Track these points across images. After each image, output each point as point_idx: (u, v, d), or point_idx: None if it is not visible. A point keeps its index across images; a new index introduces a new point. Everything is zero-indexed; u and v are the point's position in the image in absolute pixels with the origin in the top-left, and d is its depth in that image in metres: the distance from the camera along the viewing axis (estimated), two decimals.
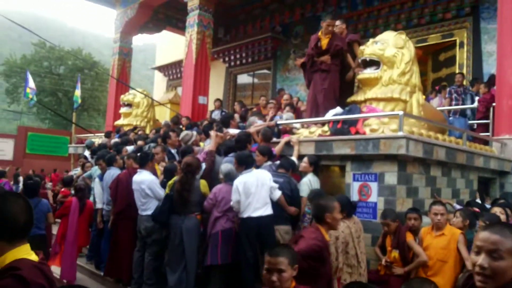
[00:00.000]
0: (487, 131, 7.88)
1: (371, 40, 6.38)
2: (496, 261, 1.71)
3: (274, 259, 2.51)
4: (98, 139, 11.88)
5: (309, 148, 5.81)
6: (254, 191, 4.82)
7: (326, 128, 5.94)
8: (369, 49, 6.13)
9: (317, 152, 5.70)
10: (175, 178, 5.38)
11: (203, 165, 5.76)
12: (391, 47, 6.08)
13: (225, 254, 4.96)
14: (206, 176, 5.65)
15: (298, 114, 8.02)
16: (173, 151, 6.99)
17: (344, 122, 5.72)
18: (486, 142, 7.28)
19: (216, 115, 10.77)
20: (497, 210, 4.91)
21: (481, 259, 1.74)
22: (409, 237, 4.43)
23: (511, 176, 6.99)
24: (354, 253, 4.27)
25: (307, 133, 6.18)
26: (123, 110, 12.82)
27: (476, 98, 8.45)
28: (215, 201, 5.09)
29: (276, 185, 4.99)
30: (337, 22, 7.03)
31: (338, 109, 6.16)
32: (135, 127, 11.40)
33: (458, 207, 5.49)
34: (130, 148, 8.23)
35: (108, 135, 10.99)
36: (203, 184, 5.33)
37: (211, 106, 12.82)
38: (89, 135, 14.02)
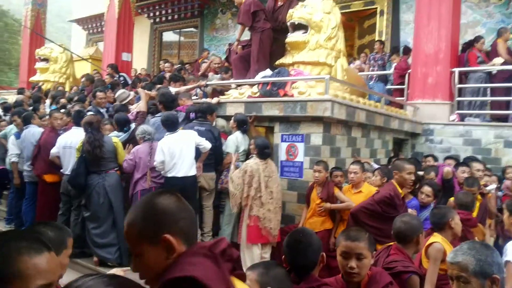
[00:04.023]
0: (402, 96, 8.46)
1: (300, 3, 6.49)
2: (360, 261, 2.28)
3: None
4: (11, 96, 11.08)
5: (239, 109, 5.91)
6: (180, 152, 4.88)
7: (255, 89, 6.04)
8: (297, 13, 6.22)
9: (247, 113, 5.81)
10: (82, 139, 5.15)
11: (133, 125, 5.67)
12: (319, 12, 6.21)
13: None
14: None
15: None
16: (102, 110, 6.75)
17: (273, 84, 5.86)
18: (401, 106, 7.83)
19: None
20: None
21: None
22: (336, 190, 4.80)
23: (422, 137, 7.65)
24: (257, 186, 4.75)
25: (237, 94, 6.26)
26: (39, 65, 11.97)
27: (393, 65, 8.98)
28: (134, 162, 5.09)
29: (203, 139, 5.06)
30: None
31: (268, 71, 6.27)
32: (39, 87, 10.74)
33: (375, 166, 5.93)
34: (46, 105, 7.82)
35: (21, 91, 10.28)
36: (114, 140, 5.30)
37: (135, 64, 12.40)
38: (1, 91, 13.01)
